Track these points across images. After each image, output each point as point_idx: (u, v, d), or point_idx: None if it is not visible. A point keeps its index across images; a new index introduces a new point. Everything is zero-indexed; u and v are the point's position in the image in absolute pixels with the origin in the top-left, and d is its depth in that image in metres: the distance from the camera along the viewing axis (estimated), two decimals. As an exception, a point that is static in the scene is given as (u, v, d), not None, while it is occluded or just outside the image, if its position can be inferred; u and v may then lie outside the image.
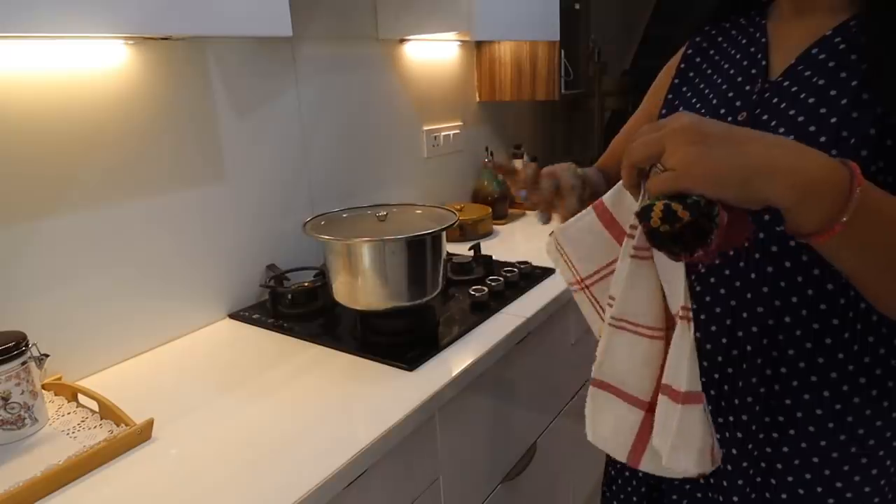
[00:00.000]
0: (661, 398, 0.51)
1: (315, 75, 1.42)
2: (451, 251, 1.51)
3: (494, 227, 1.85)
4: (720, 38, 0.78)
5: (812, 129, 0.61)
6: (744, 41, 0.74)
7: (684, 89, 0.79)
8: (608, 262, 0.60)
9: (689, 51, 0.81)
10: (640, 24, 3.65)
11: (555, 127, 2.55)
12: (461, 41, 1.91)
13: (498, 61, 1.98)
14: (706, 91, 0.75)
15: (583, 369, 1.59)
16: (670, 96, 0.81)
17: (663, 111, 0.81)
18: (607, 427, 0.57)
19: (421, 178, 1.82)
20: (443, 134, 1.88)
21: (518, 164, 2.01)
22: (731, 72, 0.73)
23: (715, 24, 0.80)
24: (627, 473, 0.87)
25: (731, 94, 0.71)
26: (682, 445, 0.49)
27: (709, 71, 0.77)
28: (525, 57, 1.94)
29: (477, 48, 1.99)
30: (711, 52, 0.78)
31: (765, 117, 0.66)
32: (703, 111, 0.73)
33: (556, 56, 1.92)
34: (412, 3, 1.50)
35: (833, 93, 0.62)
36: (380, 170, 1.66)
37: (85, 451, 0.78)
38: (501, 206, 1.91)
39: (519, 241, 1.73)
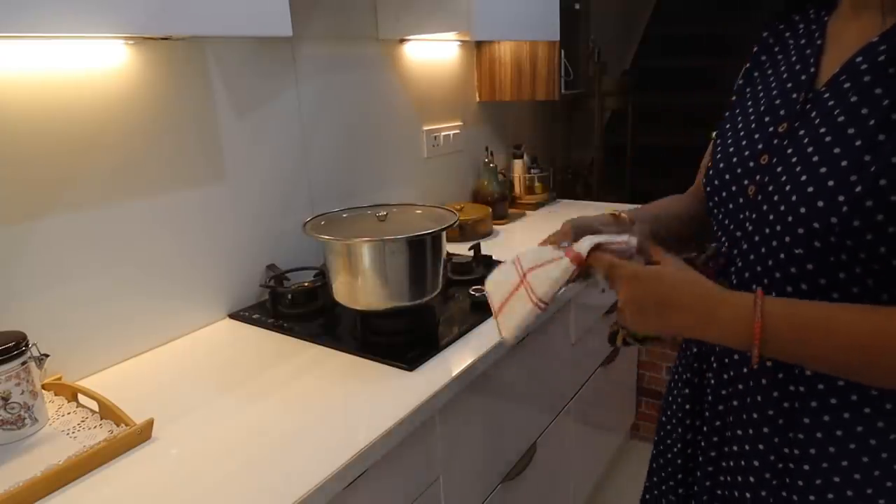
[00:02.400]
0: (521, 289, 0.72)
1: (315, 75, 1.42)
2: (451, 251, 1.51)
3: (494, 227, 1.85)
4: (787, 34, 0.74)
5: (836, 150, 0.59)
6: (803, 41, 0.71)
7: (747, 90, 0.76)
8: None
9: (756, 48, 0.78)
10: (640, 24, 3.65)
11: (555, 127, 2.55)
12: (461, 41, 1.91)
13: (498, 61, 1.98)
14: (760, 94, 0.73)
15: (583, 369, 1.59)
16: (734, 98, 0.79)
17: (726, 114, 0.79)
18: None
19: (421, 178, 1.82)
20: (443, 134, 1.88)
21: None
22: (784, 76, 0.70)
23: (785, 19, 0.76)
24: (663, 474, 0.88)
25: (777, 102, 0.69)
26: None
27: (769, 71, 0.74)
28: (525, 57, 1.94)
29: (477, 48, 1.99)
30: (776, 48, 0.75)
31: (801, 132, 0.64)
32: (752, 116, 0.72)
33: (556, 56, 1.92)
34: (412, 3, 1.50)
35: (864, 111, 0.59)
36: (380, 170, 1.66)
37: (85, 451, 0.78)
38: (501, 206, 1.91)
39: (519, 241, 1.73)
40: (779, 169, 0.65)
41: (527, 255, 0.75)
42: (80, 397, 0.94)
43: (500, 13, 1.54)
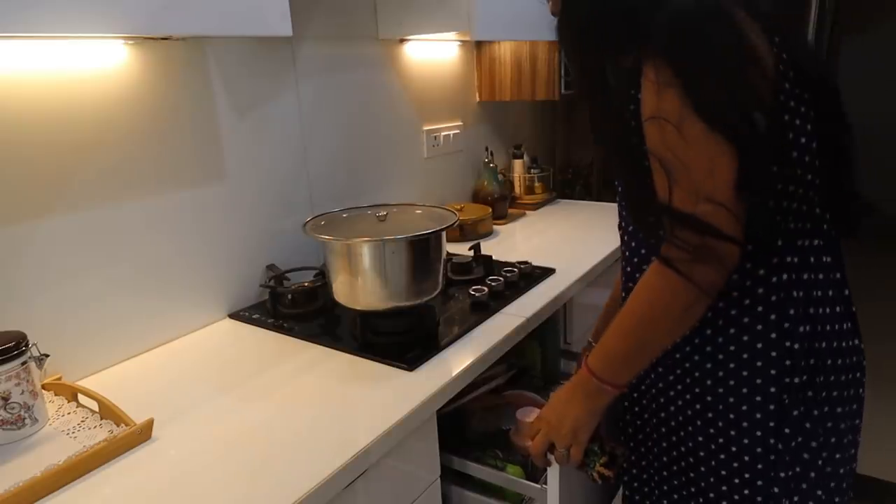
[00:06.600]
0: None
1: (315, 75, 1.42)
2: (451, 251, 1.51)
3: (494, 227, 1.85)
4: None
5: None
6: None
7: None
8: None
9: None
10: (640, 24, 3.64)
11: (555, 127, 2.55)
12: (461, 41, 1.91)
13: (498, 61, 1.98)
14: None
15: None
16: None
17: None
18: None
19: (421, 178, 1.82)
20: (443, 134, 1.88)
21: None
22: None
23: None
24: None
25: None
26: None
27: None
28: (525, 57, 1.94)
29: (477, 48, 1.99)
30: None
31: None
32: None
33: (556, 56, 1.91)
34: (412, 3, 1.50)
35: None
36: (380, 170, 1.66)
37: (85, 451, 0.78)
38: (501, 206, 1.91)
39: (519, 240, 1.73)
40: None
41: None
42: (80, 397, 0.94)
43: (500, 13, 1.54)
